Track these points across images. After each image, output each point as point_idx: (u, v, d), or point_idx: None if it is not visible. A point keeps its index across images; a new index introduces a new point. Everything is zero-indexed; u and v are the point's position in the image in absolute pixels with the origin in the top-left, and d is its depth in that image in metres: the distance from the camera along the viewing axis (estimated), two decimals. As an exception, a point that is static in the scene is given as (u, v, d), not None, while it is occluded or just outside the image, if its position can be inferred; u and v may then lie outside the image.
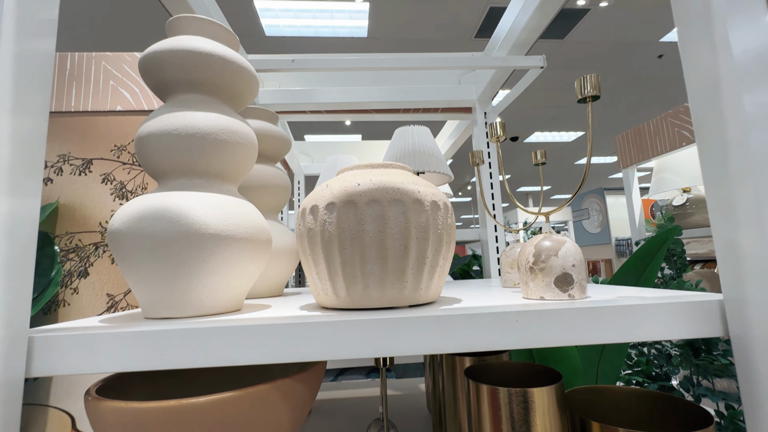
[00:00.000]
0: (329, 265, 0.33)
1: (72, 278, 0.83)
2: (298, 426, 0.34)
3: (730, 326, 0.30)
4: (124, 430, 0.27)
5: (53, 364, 0.27)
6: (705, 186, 0.31)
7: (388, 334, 0.29)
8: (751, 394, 0.28)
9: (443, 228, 0.34)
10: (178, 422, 0.27)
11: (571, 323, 0.29)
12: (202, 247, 0.32)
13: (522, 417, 0.29)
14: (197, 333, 0.28)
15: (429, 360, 0.57)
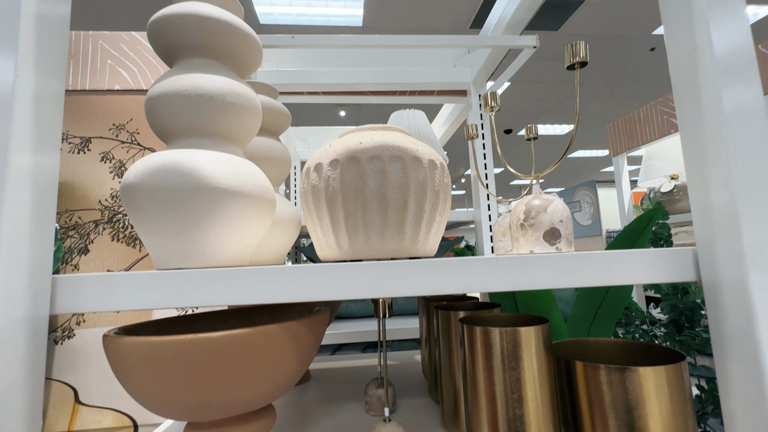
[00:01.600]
0: (333, 218, 0.35)
1: (72, 255, 0.84)
2: (304, 370, 0.36)
3: (702, 272, 0.32)
4: (142, 364, 0.29)
5: (76, 302, 0.29)
6: (684, 153, 0.34)
7: (389, 276, 0.31)
8: (719, 330, 0.31)
9: (440, 186, 0.37)
10: (193, 355, 0.29)
11: (558, 268, 0.32)
12: (213, 200, 0.34)
13: (512, 354, 0.32)
14: (211, 274, 0.30)
15: (424, 326, 0.60)
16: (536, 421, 0.31)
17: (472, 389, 0.33)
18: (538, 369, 0.32)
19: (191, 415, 0.31)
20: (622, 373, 0.32)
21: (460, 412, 0.42)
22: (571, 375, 0.35)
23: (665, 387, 0.32)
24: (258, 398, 0.32)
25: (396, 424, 0.37)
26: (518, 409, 0.31)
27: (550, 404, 0.32)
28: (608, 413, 0.32)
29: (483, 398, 0.32)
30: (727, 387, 0.30)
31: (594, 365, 0.33)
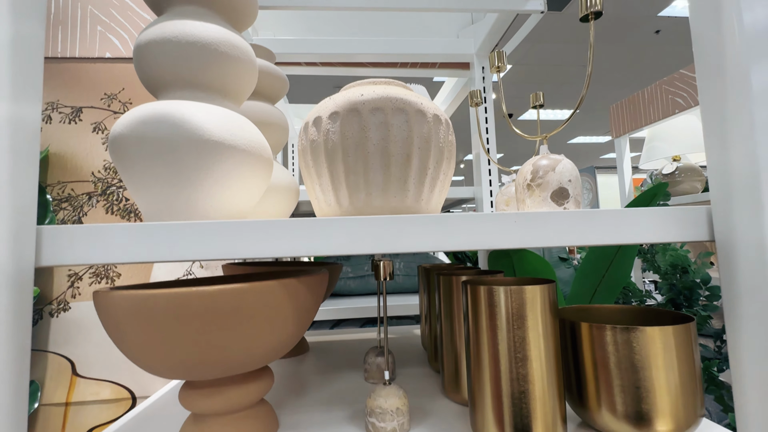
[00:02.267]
0: (332, 174, 0.34)
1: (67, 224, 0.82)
2: (302, 331, 0.35)
3: (716, 231, 0.31)
4: (132, 318, 0.28)
5: (63, 254, 0.28)
6: (702, 111, 0.32)
7: (392, 231, 0.29)
8: (732, 290, 0.30)
9: (444, 143, 0.35)
10: (186, 309, 0.27)
11: (568, 225, 0.31)
12: (206, 154, 0.32)
13: (517, 314, 0.31)
14: (205, 227, 0.28)
15: (425, 300, 0.59)
16: (540, 381, 0.30)
17: (475, 350, 0.32)
18: (543, 329, 0.31)
19: (185, 373, 0.30)
20: (628, 333, 0.31)
21: (461, 380, 0.41)
22: (576, 337, 0.34)
23: (673, 347, 0.31)
24: (254, 358, 0.32)
25: (396, 387, 0.37)
26: (522, 368, 0.30)
27: (555, 365, 0.31)
28: (613, 374, 0.32)
29: (486, 358, 0.31)
30: (738, 346, 0.29)
31: (600, 326, 0.32)
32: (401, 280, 1.10)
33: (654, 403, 0.30)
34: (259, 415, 0.36)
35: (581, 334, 0.34)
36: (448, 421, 0.38)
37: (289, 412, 0.41)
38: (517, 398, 0.30)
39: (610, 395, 0.32)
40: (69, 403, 0.80)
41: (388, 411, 0.35)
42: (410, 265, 1.11)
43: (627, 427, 0.31)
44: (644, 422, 0.31)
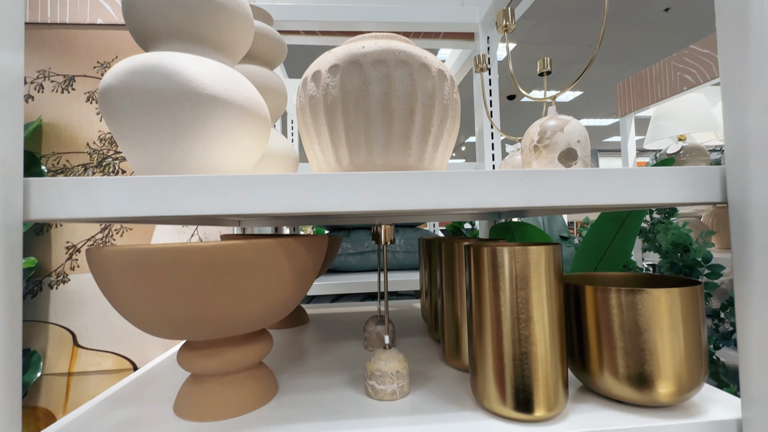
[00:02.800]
0: (332, 132, 0.32)
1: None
2: (301, 294, 0.35)
3: (729, 192, 0.30)
4: (126, 274, 0.27)
5: (52, 208, 0.27)
6: (721, 71, 0.31)
7: (394, 188, 0.28)
8: (743, 252, 0.29)
9: (449, 100, 0.34)
10: (182, 265, 0.27)
11: (576, 184, 0.30)
12: (201, 108, 0.31)
13: (521, 275, 0.30)
14: (200, 181, 0.27)
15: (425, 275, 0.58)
16: (543, 342, 0.30)
17: (477, 313, 0.32)
18: (547, 290, 0.30)
19: (182, 332, 0.30)
20: (634, 295, 0.31)
21: (461, 347, 0.41)
22: (580, 301, 0.34)
23: (678, 309, 0.30)
24: (252, 319, 0.31)
25: (396, 351, 0.36)
26: (525, 329, 0.30)
27: (558, 327, 0.30)
28: (617, 337, 0.31)
29: (488, 320, 0.31)
30: (746, 310, 0.29)
31: (605, 288, 0.32)
32: (401, 257, 1.09)
33: (657, 365, 0.30)
34: (258, 377, 0.36)
35: (585, 297, 0.33)
36: (447, 385, 0.38)
37: (288, 376, 0.41)
38: (519, 360, 0.30)
39: (612, 358, 0.31)
40: (71, 373, 0.81)
41: (388, 374, 0.35)
42: (411, 241, 1.10)
43: (629, 390, 0.31)
44: (646, 384, 0.30)
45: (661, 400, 0.31)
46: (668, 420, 0.30)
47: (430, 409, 0.33)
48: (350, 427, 0.30)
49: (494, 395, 0.31)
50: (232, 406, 0.33)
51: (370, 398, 0.35)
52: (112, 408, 0.35)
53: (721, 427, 0.30)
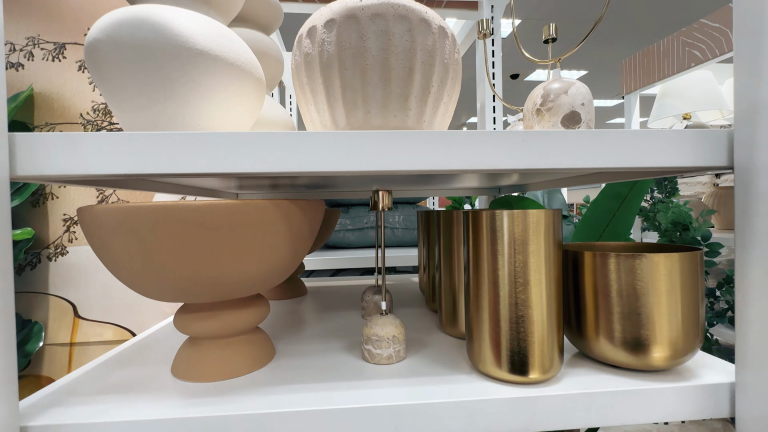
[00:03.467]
0: (328, 91, 0.31)
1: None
2: (297, 259, 0.34)
3: (735, 156, 0.29)
4: (119, 233, 0.27)
5: (39, 164, 0.26)
6: (735, 35, 0.29)
7: (392, 147, 0.28)
8: (747, 217, 0.28)
9: (450, 60, 0.32)
10: (175, 223, 0.26)
11: (579, 145, 0.29)
12: (191, 64, 0.30)
13: (520, 239, 0.29)
14: (193, 137, 0.27)
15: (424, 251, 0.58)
16: (539, 306, 0.29)
17: (475, 277, 0.32)
18: (545, 255, 0.30)
19: (177, 294, 0.30)
20: (633, 260, 0.30)
21: (458, 315, 0.41)
22: (579, 267, 0.34)
23: (677, 274, 0.30)
24: (248, 281, 0.31)
25: (393, 317, 0.36)
26: (522, 293, 0.29)
27: (555, 292, 0.30)
28: (614, 302, 0.31)
29: (486, 285, 0.31)
30: (747, 276, 0.28)
31: (604, 253, 0.31)
32: (400, 234, 1.09)
33: (653, 330, 0.30)
34: (254, 341, 0.36)
35: (584, 262, 0.33)
36: (444, 351, 0.38)
37: (285, 342, 0.42)
38: (515, 323, 0.30)
39: (609, 323, 0.31)
40: (73, 344, 0.82)
41: (384, 338, 0.35)
42: (410, 218, 1.10)
43: (624, 354, 0.31)
44: (642, 349, 0.30)
45: (656, 365, 0.31)
46: (661, 383, 0.30)
47: (426, 372, 0.33)
48: (345, 388, 0.31)
49: (490, 358, 0.31)
50: (228, 367, 0.33)
51: (367, 362, 0.36)
52: (110, 369, 0.35)
53: (713, 391, 0.30)
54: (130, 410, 0.28)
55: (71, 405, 0.29)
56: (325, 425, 0.28)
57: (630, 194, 0.94)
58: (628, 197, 0.93)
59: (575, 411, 0.29)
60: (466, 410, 0.29)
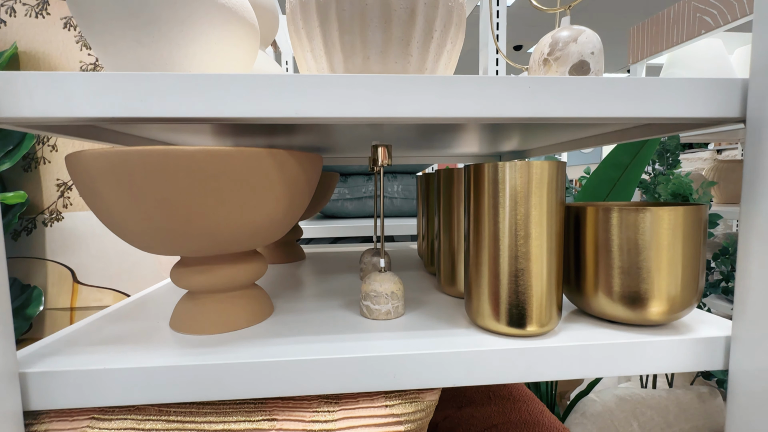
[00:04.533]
0: (325, 36, 0.30)
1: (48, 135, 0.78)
2: (294, 214, 0.34)
3: (748, 107, 0.28)
4: (108, 178, 0.26)
5: (21, 104, 0.25)
6: None
7: (390, 93, 0.26)
8: (754, 170, 0.28)
9: (454, 3, 0.30)
10: (167, 169, 0.25)
11: (587, 92, 0.28)
12: (179, 4, 0.28)
13: (522, 191, 0.29)
14: (180, 79, 0.25)
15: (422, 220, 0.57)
16: (539, 259, 0.29)
17: (475, 231, 0.31)
18: (547, 208, 0.29)
19: (170, 246, 0.29)
20: (636, 213, 0.30)
21: (456, 275, 0.41)
22: (581, 223, 0.33)
23: (680, 229, 0.29)
24: (243, 232, 0.30)
25: (391, 274, 0.36)
26: (523, 246, 0.29)
27: (556, 245, 0.30)
28: (615, 256, 0.31)
29: (486, 238, 0.30)
30: (751, 230, 0.28)
31: (607, 207, 0.31)
32: (399, 204, 1.09)
33: (653, 284, 0.30)
34: (252, 297, 0.36)
35: (587, 218, 0.32)
36: (442, 308, 0.38)
37: (283, 301, 0.42)
38: (515, 276, 0.29)
39: (608, 278, 0.31)
40: (73, 308, 0.83)
41: (382, 294, 0.35)
42: (409, 188, 1.09)
43: (622, 309, 0.31)
44: (640, 303, 0.30)
45: (653, 319, 0.31)
46: (657, 336, 0.30)
47: (424, 326, 0.33)
48: (343, 340, 0.31)
49: (488, 312, 0.31)
50: (226, 321, 0.33)
51: (365, 318, 0.36)
52: (108, 323, 0.35)
53: (709, 344, 0.30)
54: (128, 359, 0.28)
55: (69, 354, 0.29)
56: (322, 374, 0.28)
57: (631, 164, 0.93)
58: (629, 167, 0.92)
59: (571, 362, 0.29)
60: (463, 361, 0.29)
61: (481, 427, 0.49)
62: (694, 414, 0.92)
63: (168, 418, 0.27)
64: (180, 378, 0.27)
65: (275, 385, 0.28)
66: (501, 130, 0.43)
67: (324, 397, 0.29)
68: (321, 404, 0.28)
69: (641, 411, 0.90)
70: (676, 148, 1.27)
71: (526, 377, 0.29)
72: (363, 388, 0.28)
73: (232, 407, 0.28)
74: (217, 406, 0.28)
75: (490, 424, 0.49)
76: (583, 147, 0.55)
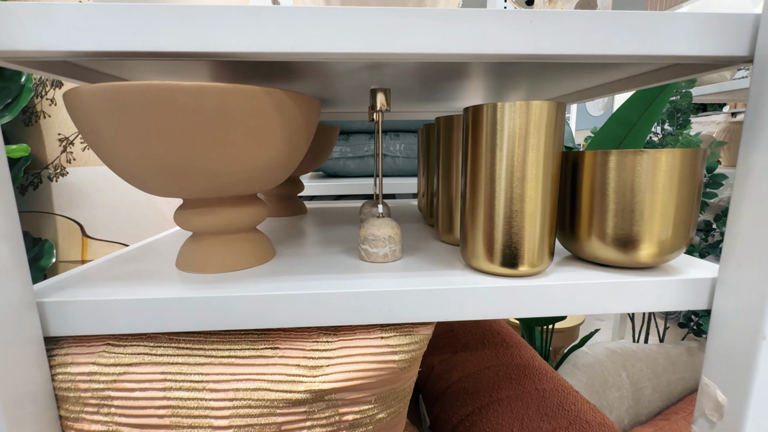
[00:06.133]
0: (321, -34, 0.28)
1: (45, 87, 0.77)
2: (292, 158, 0.34)
3: (758, 45, 0.27)
4: (107, 115, 0.26)
5: (13, 37, 0.24)
6: None
7: (388, 26, 0.26)
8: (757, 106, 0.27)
9: (457, -69, 0.29)
10: (164, 104, 0.25)
11: (591, 27, 0.27)
12: (167, -70, 0.27)
13: (521, 131, 0.29)
14: (180, 10, 0.25)
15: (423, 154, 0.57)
16: (534, 200, 0.30)
17: (472, 173, 0.31)
18: (545, 149, 0.29)
19: (171, 186, 0.30)
20: (635, 156, 0.30)
21: (454, 223, 0.42)
22: (578, 168, 0.33)
23: (677, 171, 0.30)
24: (243, 173, 0.31)
25: (389, 219, 0.37)
26: (518, 188, 0.29)
27: (551, 187, 0.30)
28: (610, 199, 0.31)
29: (483, 179, 0.30)
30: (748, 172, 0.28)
31: (606, 151, 0.31)
32: (401, 162, 1.08)
33: (645, 226, 0.30)
34: (254, 240, 0.37)
35: (584, 162, 0.32)
36: (439, 254, 0.39)
37: (285, 247, 0.43)
38: (509, 217, 0.30)
39: (602, 221, 0.32)
40: (85, 261, 0.86)
41: (380, 238, 0.36)
42: (411, 147, 1.08)
43: (613, 251, 0.32)
44: (632, 245, 0.31)
45: (643, 261, 0.32)
46: (645, 277, 0.31)
47: (420, 268, 0.35)
48: (342, 278, 0.32)
49: (482, 253, 0.32)
50: (229, 261, 0.34)
51: (363, 261, 0.37)
52: (118, 264, 0.37)
53: (695, 285, 0.31)
54: (139, 292, 0.29)
55: (83, 287, 0.30)
56: (322, 308, 0.29)
57: (639, 121, 0.91)
58: (637, 124, 0.90)
59: (559, 300, 0.31)
60: (456, 297, 0.30)
61: (474, 369, 0.52)
62: (682, 366, 0.96)
63: (178, 345, 0.29)
64: (188, 309, 0.29)
65: (277, 317, 0.29)
66: (505, 77, 0.42)
67: (323, 329, 0.31)
68: (320, 335, 0.30)
69: (631, 363, 0.94)
70: (688, 108, 1.24)
71: (516, 313, 0.31)
72: (360, 321, 0.30)
73: (237, 336, 0.30)
74: (224, 336, 0.30)
75: (483, 366, 0.52)
76: (591, 97, 0.54)
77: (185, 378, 0.28)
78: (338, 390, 0.28)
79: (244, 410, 0.27)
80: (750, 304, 0.28)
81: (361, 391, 0.29)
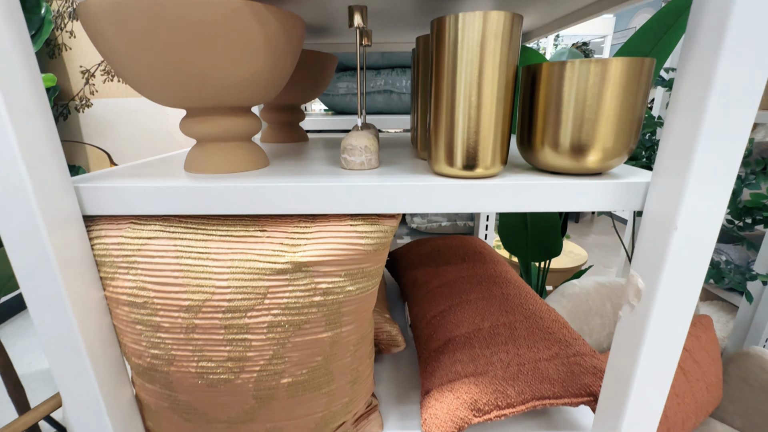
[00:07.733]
0: None
1: (64, 20, 0.81)
2: (279, 77, 0.38)
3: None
4: (112, 25, 0.30)
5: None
6: None
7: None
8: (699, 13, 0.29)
9: None
10: (159, 14, 0.29)
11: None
12: None
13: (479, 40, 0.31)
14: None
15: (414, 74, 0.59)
16: (489, 107, 0.33)
17: (436, 86, 0.35)
18: (500, 58, 0.32)
19: (172, 94, 0.35)
20: (589, 64, 0.32)
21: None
22: (536, 80, 0.36)
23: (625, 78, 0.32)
24: (231, 85, 0.35)
25: (367, 131, 0.41)
26: (475, 96, 0.33)
27: (506, 94, 0.33)
28: (562, 107, 0.34)
29: (445, 90, 0.34)
30: (686, 70, 0.30)
31: (561, 61, 0.33)
32: (407, 99, 1.09)
33: (594, 134, 0.34)
34: (249, 149, 0.42)
35: (542, 73, 0.35)
36: (413, 167, 0.44)
37: (279, 160, 0.48)
38: (467, 124, 0.34)
39: (556, 130, 0.35)
40: (114, 187, 0.96)
41: (357, 147, 0.40)
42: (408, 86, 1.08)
43: (563, 159, 0.36)
44: (579, 152, 0.34)
45: (589, 167, 0.35)
46: (587, 180, 0.35)
47: (392, 174, 0.39)
48: (323, 180, 0.37)
49: (443, 158, 0.36)
50: (228, 164, 0.40)
51: (343, 168, 0.42)
52: (137, 169, 0.44)
53: (630, 188, 0.35)
54: (153, 182, 0.36)
55: (110, 180, 0.37)
56: (301, 198, 0.35)
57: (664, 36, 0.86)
58: (661, 40, 0.85)
59: (506, 197, 0.35)
60: (417, 193, 0.35)
61: (451, 278, 0.59)
62: (668, 301, 1.01)
63: (186, 225, 0.36)
64: (193, 197, 0.35)
65: (266, 205, 0.35)
66: None
67: (303, 216, 0.37)
68: (300, 222, 0.36)
69: (617, 295, 0.99)
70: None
71: (467, 207, 0.35)
72: (333, 210, 0.35)
73: (233, 221, 0.36)
74: (223, 220, 0.36)
75: (459, 276, 0.58)
76: (585, 17, 0.54)
77: (193, 249, 0.35)
78: (313, 263, 0.35)
79: (239, 275, 0.34)
80: (670, 203, 0.31)
81: (332, 266, 0.35)
